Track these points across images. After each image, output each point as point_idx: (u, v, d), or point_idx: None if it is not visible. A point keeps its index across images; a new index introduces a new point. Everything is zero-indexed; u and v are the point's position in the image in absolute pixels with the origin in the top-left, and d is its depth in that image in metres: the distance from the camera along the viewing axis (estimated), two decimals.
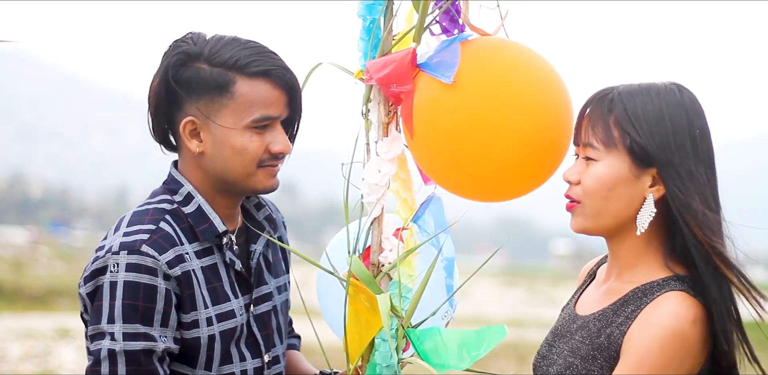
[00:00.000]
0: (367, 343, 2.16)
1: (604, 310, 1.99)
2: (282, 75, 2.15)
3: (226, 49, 2.13)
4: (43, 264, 23.91)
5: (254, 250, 2.26)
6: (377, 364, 2.14)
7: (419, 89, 2.12)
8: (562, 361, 1.99)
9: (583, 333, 2.00)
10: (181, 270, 2.10)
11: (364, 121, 2.20)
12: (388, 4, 2.17)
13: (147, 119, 2.22)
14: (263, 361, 2.23)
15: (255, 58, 2.12)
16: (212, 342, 2.13)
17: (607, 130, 1.97)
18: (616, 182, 1.96)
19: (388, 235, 2.19)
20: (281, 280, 2.36)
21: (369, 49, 2.18)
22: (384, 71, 2.13)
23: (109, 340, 2.03)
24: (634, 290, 1.96)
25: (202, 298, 2.13)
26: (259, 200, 2.35)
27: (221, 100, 2.12)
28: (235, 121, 2.12)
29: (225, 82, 2.11)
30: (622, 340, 1.91)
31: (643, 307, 1.91)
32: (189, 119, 2.14)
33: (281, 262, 2.38)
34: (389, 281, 2.17)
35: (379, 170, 2.16)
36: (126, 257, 2.06)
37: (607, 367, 1.92)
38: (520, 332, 14.89)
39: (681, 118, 1.96)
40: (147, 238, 2.09)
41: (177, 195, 2.19)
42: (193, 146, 2.16)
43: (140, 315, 2.04)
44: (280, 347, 2.30)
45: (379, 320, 2.12)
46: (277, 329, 2.30)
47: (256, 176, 2.17)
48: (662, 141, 1.93)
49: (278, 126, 2.17)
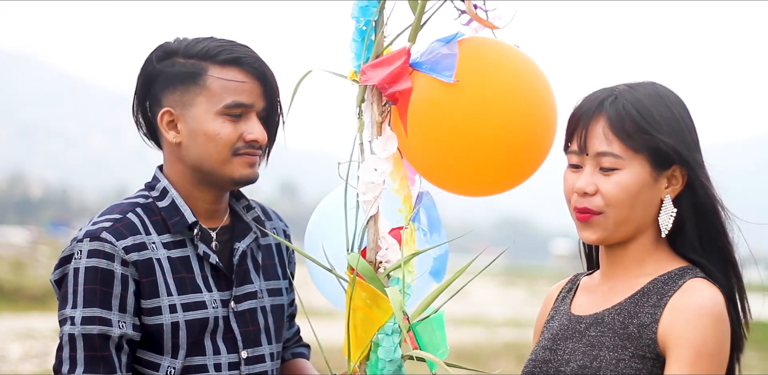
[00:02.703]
0: (369, 339, 2.16)
1: (621, 304, 2.01)
2: (252, 62, 2.24)
3: (200, 43, 2.25)
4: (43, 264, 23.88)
5: (237, 248, 2.30)
6: (380, 359, 2.15)
7: (416, 88, 2.12)
8: (581, 357, 1.99)
9: (600, 328, 2.00)
10: (139, 257, 2.18)
11: (358, 122, 2.21)
12: (381, 6, 2.18)
13: (133, 117, 2.31)
14: (240, 356, 2.26)
15: (226, 48, 2.24)
16: (176, 330, 2.19)
17: (629, 138, 1.97)
18: (641, 189, 1.98)
19: (384, 234, 2.19)
20: (275, 283, 2.38)
21: (363, 50, 2.19)
22: (380, 72, 2.15)
23: (69, 325, 2.14)
24: (653, 281, 2.00)
25: (165, 286, 2.19)
26: (248, 203, 2.38)
27: (195, 89, 2.22)
28: (208, 108, 2.21)
29: (198, 71, 2.22)
30: (656, 328, 1.93)
31: (671, 295, 1.95)
32: (165, 110, 2.24)
33: (276, 267, 2.40)
34: (389, 279, 2.18)
35: (375, 169, 2.17)
36: (88, 244, 2.16)
37: (639, 355, 1.94)
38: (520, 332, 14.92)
39: (686, 115, 2.02)
40: (109, 226, 2.19)
41: (154, 190, 2.29)
42: (171, 137, 2.25)
43: (99, 299, 2.13)
44: (267, 347, 2.32)
45: (379, 317, 2.13)
46: (266, 329, 2.32)
47: (231, 163, 2.23)
48: (683, 140, 1.99)
49: (253, 116, 2.25)
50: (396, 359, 2.14)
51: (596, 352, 1.98)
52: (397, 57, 2.15)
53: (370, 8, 2.18)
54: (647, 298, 1.98)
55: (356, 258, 2.16)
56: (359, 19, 2.18)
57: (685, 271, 1.99)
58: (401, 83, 2.14)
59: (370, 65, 2.17)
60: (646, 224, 2.02)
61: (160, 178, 2.30)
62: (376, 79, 2.15)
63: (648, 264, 2.03)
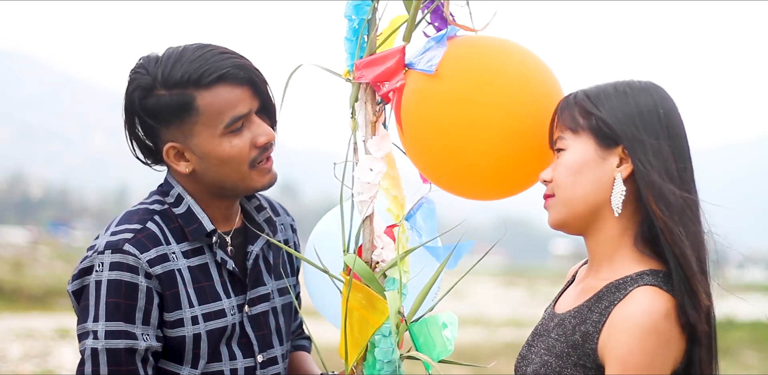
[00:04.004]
0: (366, 340, 2.16)
1: (579, 307, 1.97)
2: (236, 74, 2.14)
3: (176, 68, 2.13)
4: (43, 264, 23.89)
5: (251, 251, 2.27)
6: (378, 361, 2.14)
7: (407, 85, 2.13)
8: (538, 360, 1.97)
9: (559, 331, 1.98)
10: (162, 269, 2.12)
11: (351, 121, 2.20)
12: (375, 4, 2.17)
13: (130, 149, 2.25)
14: (256, 361, 2.24)
15: (205, 69, 2.12)
16: (198, 341, 2.14)
17: (572, 120, 1.97)
18: (582, 166, 1.95)
19: (380, 233, 2.19)
20: (284, 281, 2.35)
21: (357, 49, 2.18)
22: (375, 70, 2.14)
23: (92, 339, 2.06)
24: (608, 286, 1.94)
25: (188, 297, 2.14)
26: (260, 202, 2.35)
27: (190, 119, 2.13)
28: (211, 132, 2.14)
29: (186, 101, 2.12)
30: (597, 338, 1.89)
31: (616, 304, 1.89)
32: (169, 146, 2.17)
33: (286, 265, 2.38)
34: (385, 279, 2.17)
35: (371, 169, 2.17)
36: (110, 256, 2.09)
37: (580, 365, 1.90)
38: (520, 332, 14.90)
39: (645, 98, 1.96)
40: (131, 237, 2.12)
41: (169, 197, 2.22)
42: (182, 168, 2.18)
43: (123, 312, 2.07)
44: (279, 348, 2.30)
45: (376, 318, 2.13)
46: (277, 330, 2.30)
47: (251, 177, 2.18)
48: (626, 116, 1.93)
49: (254, 118, 2.19)
50: (393, 360, 2.14)
51: (547, 358, 1.96)
52: (392, 55, 2.14)
53: (363, 7, 2.17)
54: (599, 304, 1.93)
55: (353, 259, 2.15)
56: (352, 17, 2.18)
57: (641, 277, 1.90)
58: (395, 81, 2.13)
59: (364, 63, 2.16)
60: (600, 206, 1.95)
61: (174, 184, 2.23)
62: (369, 76, 2.15)
63: (615, 264, 1.97)
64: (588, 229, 2.00)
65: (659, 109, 1.95)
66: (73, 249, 34.71)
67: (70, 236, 53.13)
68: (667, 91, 2.01)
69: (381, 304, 2.12)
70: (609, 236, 1.97)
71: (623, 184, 1.93)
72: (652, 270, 1.92)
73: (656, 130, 1.93)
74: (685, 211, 1.90)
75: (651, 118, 1.94)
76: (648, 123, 1.93)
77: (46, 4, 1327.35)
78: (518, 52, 2.13)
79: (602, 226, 1.97)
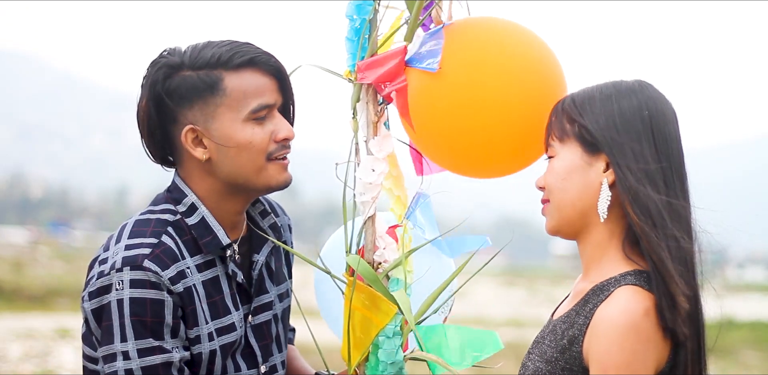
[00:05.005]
0: (369, 341, 2.15)
1: (568, 312, 1.97)
2: (267, 60, 2.12)
3: (206, 51, 2.10)
4: (43, 264, 23.89)
5: (257, 261, 2.23)
6: (381, 362, 2.14)
7: (410, 83, 2.13)
8: (532, 366, 1.97)
9: (551, 337, 1.98)
10: (182, 286, 2.07)
11: (352, 122, 2.20)
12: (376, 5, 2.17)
13: (141, 143, 2.19)
14: (259, 371, 2.21)
15: (236, 51, 2.10)
16: (213, 356, 2.11)
17: (561, 125, 1.99)
18: (569, 172, 1.97)
19: (382, 234, 2.18)
20: (283, 286, 2.33)
21: (358, 49, 2.18)
22: (377, 72, 2.14)
23: (122, 360, 2.00)
24: (593, 288, 1.94)
25: (203, 314, 2.10)
26: (264, 207, 2.31)
27: (215, 100, 2.09)
28: (234, 116, 2.09)
29: (213, 81, 2.08)
30: (582, 341, 1.89)
31: (599, 305, 1.89)
32: (189, 128, 2.10)
33: (284, 268, 2.35)
34: (388, 280, 2.17)
35: (373, 169, 2.16)
36: (129, 273, 2.02)
37: (567, 369, 1.90)
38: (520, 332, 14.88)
39: (630, 100, 1.96)
40: (149, 252, 2.05)
41: (180, 205, 2.15)
42: (199, 154, 2.11)
43: (150, 330, 2.01)
44: (278, 356, 2.28)
45: (379, 319, 2.12)
46: (276, 338, 2.28)
47: (266, 170, 2.13)
48: (608, 120, 1.94)
49: (276, 113, 2.15)
50: (397, 361, 2.13)
51: (539, 364, 1.96)
52: (394, 56, 2.14)
53: (365, 7, 2.17)
54: (585, 307, 1.93)
55: (356, 260, 2.14)
56: (353, 17, 2.17)
57: (624, 277, 1.90)
58: (398, 81, 2.13)
59: (366, 64, 2.16)
60: (589, 211, 1.96)
61: (187, 191, 2.16)
62: (372, 78, 2.14)
63: (603, 267, 1.97)
64: (579, 234, 2.01)
65: (644, 112, 1.95)
66: (73, 249, 34.71)
67: (70, 236, 53.11)
68: (658, 89, 2.01)
69: (385, 305, 2.11)
70: (598, 240, 1.98)
71: (609, 189, 1.94)
72: (636, 270, 1.92)
73: (638, 132, 1.93)
74: (662, 214, 1.89)
75: (634, 120, 1.94)
76: (630, 126, 1.94)
77: (46, 4, 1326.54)
78: (512, 29, 2.14)
79: (592, 231, 1.98)
